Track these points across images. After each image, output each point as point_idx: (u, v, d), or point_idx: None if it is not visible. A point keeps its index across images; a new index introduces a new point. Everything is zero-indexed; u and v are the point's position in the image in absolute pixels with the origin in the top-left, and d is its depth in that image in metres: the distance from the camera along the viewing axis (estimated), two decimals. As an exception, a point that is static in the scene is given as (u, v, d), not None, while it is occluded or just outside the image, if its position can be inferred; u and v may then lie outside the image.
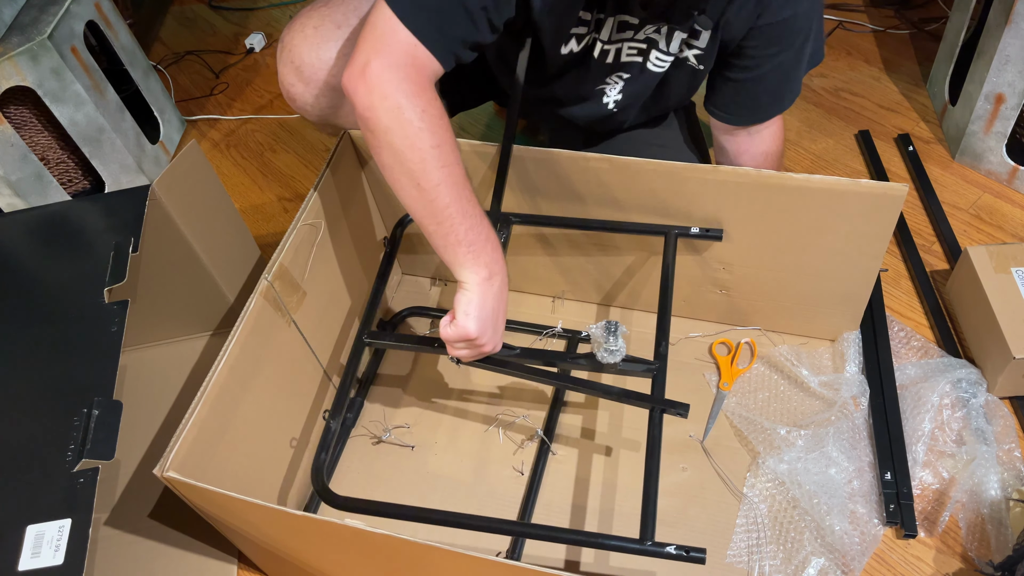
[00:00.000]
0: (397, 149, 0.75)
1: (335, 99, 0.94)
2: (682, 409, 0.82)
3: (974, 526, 0.90)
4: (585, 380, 0.89)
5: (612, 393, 0.85)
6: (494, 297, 0.81)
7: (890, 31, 1.68)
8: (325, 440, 0.87)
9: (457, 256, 0.79)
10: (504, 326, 0.85)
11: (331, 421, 0.88)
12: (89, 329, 0.86)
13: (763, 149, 1.00)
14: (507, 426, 1.04)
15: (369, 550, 0.72)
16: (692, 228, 0.97)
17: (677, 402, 0.82)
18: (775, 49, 0.89)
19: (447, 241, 0.79)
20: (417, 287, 1.23)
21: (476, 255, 0.79)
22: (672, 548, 0.73)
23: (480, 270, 0.79)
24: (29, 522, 0.70)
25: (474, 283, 0.79)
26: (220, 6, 2.04)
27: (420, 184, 0.76)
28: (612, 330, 0.83)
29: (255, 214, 1.44)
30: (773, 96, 0.95)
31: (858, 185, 0.86)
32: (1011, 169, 1.28)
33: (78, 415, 0.77)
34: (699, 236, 0.97)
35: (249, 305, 0.83)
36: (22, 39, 1.25)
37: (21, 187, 1.33)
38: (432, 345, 0.89)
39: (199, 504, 0.74)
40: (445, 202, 0.77)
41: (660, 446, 0.81)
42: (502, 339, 0.85)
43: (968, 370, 1.01)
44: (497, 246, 0.82)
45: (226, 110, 1.71)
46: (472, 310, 0.79)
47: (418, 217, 0.79)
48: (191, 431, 0.74)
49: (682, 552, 0.72)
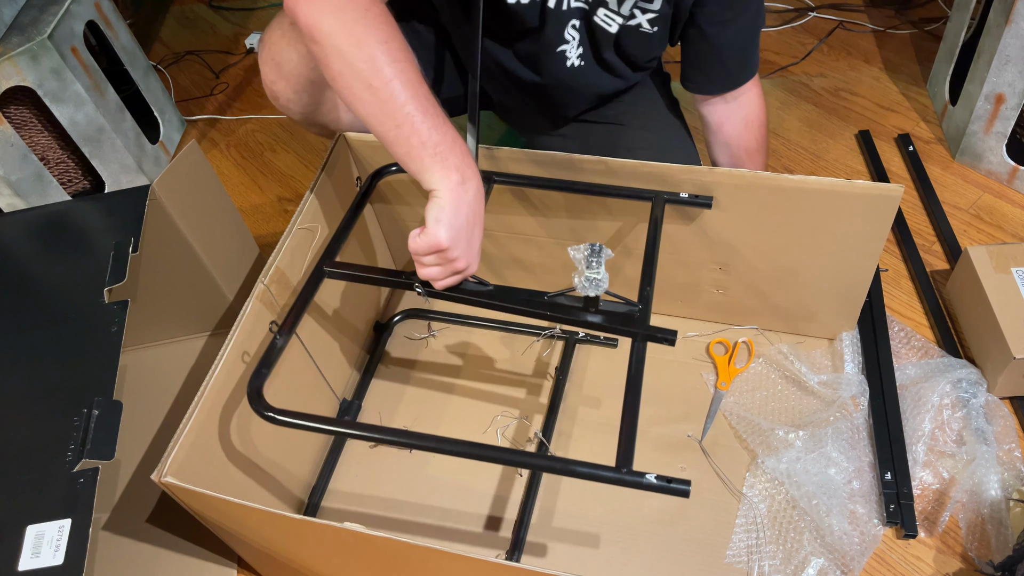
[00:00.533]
0: (343, 51, 0.72)
1: (316, 94, 0.95)
2: (669, 335, 0.76)
3: (974, 526, 0.90)
4: (564, 308, 0.81)
5: (592, 322, 0.80)
6: (468, 205, 0.75)
7: (890, 31, 1.68)
8: (268, 356, 0.80)
9: (423, 161, 0.74)
10: (480, 244, 0.78)
11: (278, 336, 0.82)
12: (89, 329, 0.86)
13: (743, 115, 1.01)
14: (505, 428, 1.04)
15: (368, 553, 0.71)
16: (681, 193, 0.92)
17: (663, 328, 0.77)
18: (731, 14, 0.92)
19: (410, 145, 0.73)
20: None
21: (444, 158, 0.73)
22: (652, 477, 0.67)
23: (451, 174, 0.73)
24: (29, 522, 0.70)
25: (446, 189, 0.73)
26: (220, 6, 2.04)
27: (372, 84, 0.72)
28: (596, 253, 0.76)
29: (255, 214, 1.44)
30: (740, 61, 0.98)
31: (854, 186, 0.86)
32: (1011, 169, 1.28)
33: (78, 415, 0.77)
34: (688, 202, 0.93)
35: (245, 309, 0.83)
36: (22, 39, 1.25)
37: (21, 187, 1.33)
38: (400, 278, 0.85)
39: (197, 509, 0.74)
40: (401, 100, 0.72)
41: (642, 377, 0.75)
42: (478, 261, 0.79)
43: (968, 370, 1.01)
44: (467, 151, 0.76)
45: (226, 110, 1.71)
46: (444, 216, 0.73)
47: (376, 125, 0.74)
48: (188, 436, 0.74)
49: (663, 482, 0.66)
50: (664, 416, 1.03)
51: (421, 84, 0.74)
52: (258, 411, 0.74)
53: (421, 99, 0.73)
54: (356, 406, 1.07)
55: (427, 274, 0.78)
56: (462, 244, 0.75)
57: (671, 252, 1.02)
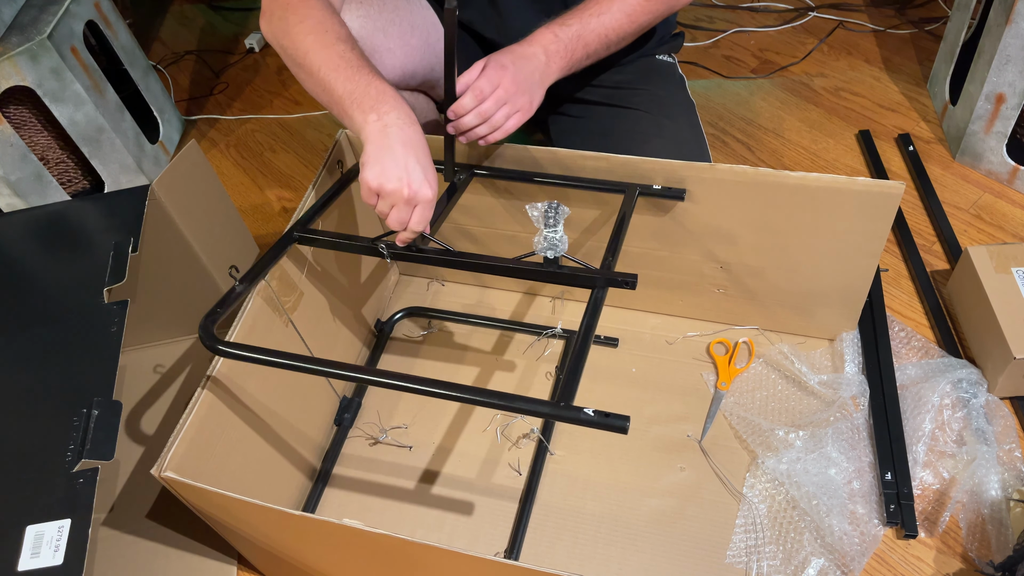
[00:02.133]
0: (283, 47, 0.82)
1: None
2: (630, 278, 0.76)
3: (974, 526, 0.90)
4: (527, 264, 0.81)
5: (553, 274, 0.80)
6: (392, 137, 0.75)
7: (890, 31, 1.68)
8: (225, 299, 0.80)
9: (344, 114, 0.77)
10: (424, 168, 0.77)
11: (237, 283, 0.82)
12: (89, 329, 0.86)
13: None
14: (504, 426, 1.04)
15: (367, 549, 0.71)
16: (654, 185, 0.93)
17: (624, 273, 0.77)
18: None
19: (336, 105, 0.77)
20: (415, 287, 1.23)
21: (359, 103, 0.76)
22: (590, 411, 0.66)
23: (367, 116, 0.75)
24: (29, 522, 0.70)
25: (366, 132, 0.75)
26: (220, 6, 2.04)
27: (300, 63, 0.79)
28: (554, 210, 0.75)
29: (255, 214, 1.44)
30: None
31: (855, 183, 0.86)
32: (1011, 169, 1.28)
33: (78, 415, 0.77)
34: (661, 195, 0.93)
35: (246, 306, 0.83)
36: (22, 39, 1.25)
37: (21, 187, 1.33)
38: (368, 242, 0.86)
39: (197, 504, 0.74)
40: (317, 66, 0.78)
41: (596, 325, 0.74)
42: (429, 186, 0.77)
43: (968, 370, 1.01)
44: (384, 88, 0.77)
45: (226, 110, 1.71)
46: (368, 159, 0.75)
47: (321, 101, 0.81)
48: (188, 431, 0.74)
49: (601, 416, 0.65)
50: (664, 416, 1.03)
51: (336, 44, 0.78)
52: (208, 345, 0.76)
53: (333, 58, 0.78)
54: (356, 404, 1.07)
55: (389, 222, 0.78)
56: (395, 177, 0.75)
57: (671, 251, 1.02)
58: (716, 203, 0.93)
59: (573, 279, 0.80)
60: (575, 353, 0.72)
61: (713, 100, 1.56)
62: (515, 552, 0.92)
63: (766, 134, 1.47)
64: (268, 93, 1.75)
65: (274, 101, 1.72)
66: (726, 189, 0.91)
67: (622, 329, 1.13)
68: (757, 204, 0.92)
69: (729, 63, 1.65)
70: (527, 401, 0.68)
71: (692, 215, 0.96)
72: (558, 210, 0.76)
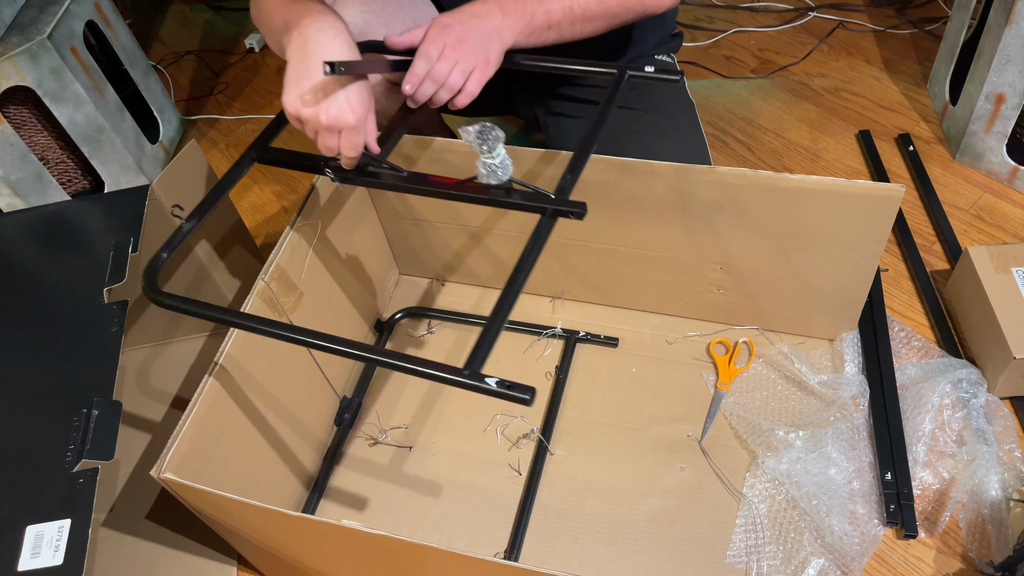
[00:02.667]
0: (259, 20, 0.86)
1: None
2: (579, 208, 0.73)
3: (974, 526, 0.90)
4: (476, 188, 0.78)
5: (498, 200, 0.76)
6: (311, 57, 0.71)
7: (890, 31, 1.67)
8: (171, 240, 0.78)
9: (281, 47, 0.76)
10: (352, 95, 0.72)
11: (184, 223, 0.79)
12: (89, 329, 0.86)
13: None
14: (504, 426, 1.04)
15: (366, 551, 0.71)
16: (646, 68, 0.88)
17: (575, 201, 0.73)
18: None
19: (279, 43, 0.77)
20: (415, 287, 1.23)
21: (288, 32, 0.73)
22: (493, 381, 0.65)
23: (291, 34, 0.72)
24: (29, 522, 0.70)
25: (288, 52, 0.72)
26: (220, 6, 2.04)
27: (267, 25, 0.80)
28: (487, 132, 0.69)
29: (255, 214, 1.44)
30: None
31: (855, 186, 0.86)
32: (1011, 169, 1.28)
33: (78, 415, 0.77)
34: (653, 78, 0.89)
35: (246, 306, 0.83)
36: (22, 39, 1.25)
37: (21, 187, 1.33)
38: (320, 163, 0.82)
39: (196, 505, 0.74)
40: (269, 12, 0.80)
41: (537, 256, 0.71)
42: (354, 114, 0.72)
43: (968, 370, 1.00)
44: (312, 6, 0.74)
45: (226, 110, 1.71)
46: (286, 81, 0.71)
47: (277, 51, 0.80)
48: (188, 432, 0.74)
49: (504, 388, 0.64)
50: (664, 416, 1.03)
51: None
52: (149, 295, 0.74)
53: (284, 2, 0.77)
54: (356, 403, 1.07)
55: (320, 148, 0.75)
56: (311, 101, 0.71)
57: (671, 252, 1.02)
58: (715, 205, 0.93)
59: (519, 205, 0.75)
60: (497, 312, 0.68)
61: (713, 100, 1.56)
62: (515, 553, 0.92)
63: (766, 134, 1.47)
64: (268, 93, 1.74)
65: (274, 101, 1.72)
66: (726, 191, 0.91)
67: (622, 329, 1.13)
68: (756, 206, 0.92)
69: (729, 63, 1.65)
70: (431, 365, 0.67)
71: (691, 216, 0.96)
72: (492, 133, 0.69)
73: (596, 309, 1.16)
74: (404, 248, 1.18)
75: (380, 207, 1.12)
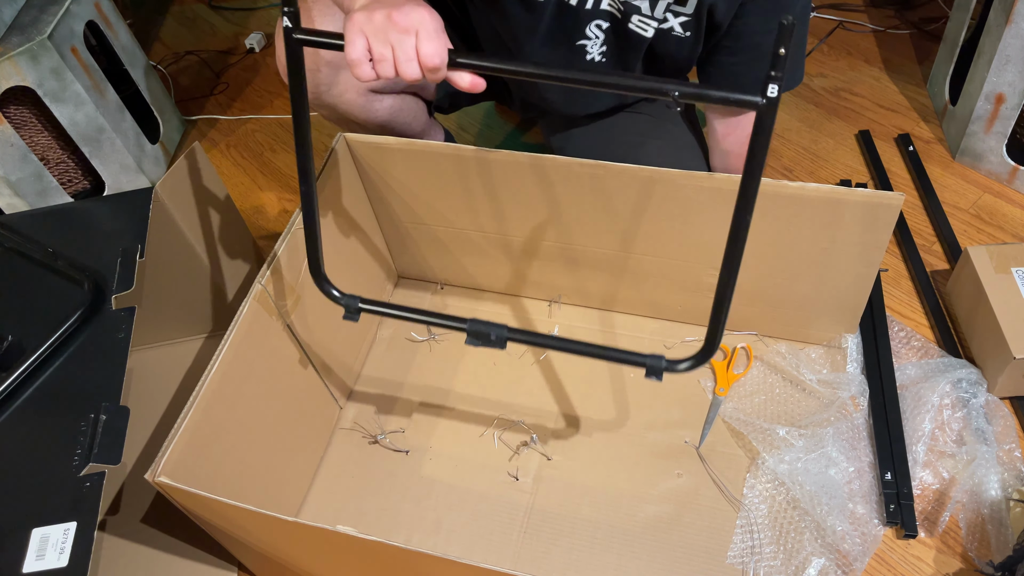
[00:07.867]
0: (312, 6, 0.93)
1: (331, 74, 0.95)
2: None
3: (974, 526, 0.90)
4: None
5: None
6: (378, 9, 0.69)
7: (890, 31, 1.68)
8: None
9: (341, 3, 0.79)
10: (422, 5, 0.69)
11: None
12: (96, 335, 0.86)
13: (749, 131, 0.98)
14: (502, 431, 1.04)
15: (361, 556, 0.71)
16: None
17: None
18: (771, 25, 0.88)
19: None
20: (414, 292, 1.23)
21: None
22: None
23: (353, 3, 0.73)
24: (35, 525, 0.70)
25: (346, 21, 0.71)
26: (220, 6, 2.04)
27: None
28: None
29: (255, 214, 1.44)
30: None
31: (854, 194, 0.86)
32: (1011, 169, 1.29)
33: (85, 420, 0.77)
34: None
35: (243, 309, 0.83)
36: (22, 39, 1.25)
37: (21, 187, 1.32)
38: None
39: (191, 509, 0.74)
40: None
41: None
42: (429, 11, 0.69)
43: (968, 370, 1.01)
44: None
45: (226, 110, 1.71)
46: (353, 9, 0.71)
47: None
48: (183, 435, 0.73)
49: None
50: (661, 421, 1.03)
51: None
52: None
53: None
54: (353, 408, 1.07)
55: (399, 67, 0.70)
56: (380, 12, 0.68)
57: (669, 257, 1.02)
58: (714, 211, 0.93)
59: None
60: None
61: (713, 100, 1.56)
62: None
63: (766, 134, 1.47)
64: (268, 93, 1.74)
65: (274, 101, 1.72)
66: (724, 197, 0.91)
67: (620, 334, 1.13)
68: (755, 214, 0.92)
69: (729, 63, 1.65)
70: None
71: (690, 222, 0.96)
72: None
73: (594, 313, 1.16)
74: (402, 252, 1.18)
75: (378, 209, 1.12)
